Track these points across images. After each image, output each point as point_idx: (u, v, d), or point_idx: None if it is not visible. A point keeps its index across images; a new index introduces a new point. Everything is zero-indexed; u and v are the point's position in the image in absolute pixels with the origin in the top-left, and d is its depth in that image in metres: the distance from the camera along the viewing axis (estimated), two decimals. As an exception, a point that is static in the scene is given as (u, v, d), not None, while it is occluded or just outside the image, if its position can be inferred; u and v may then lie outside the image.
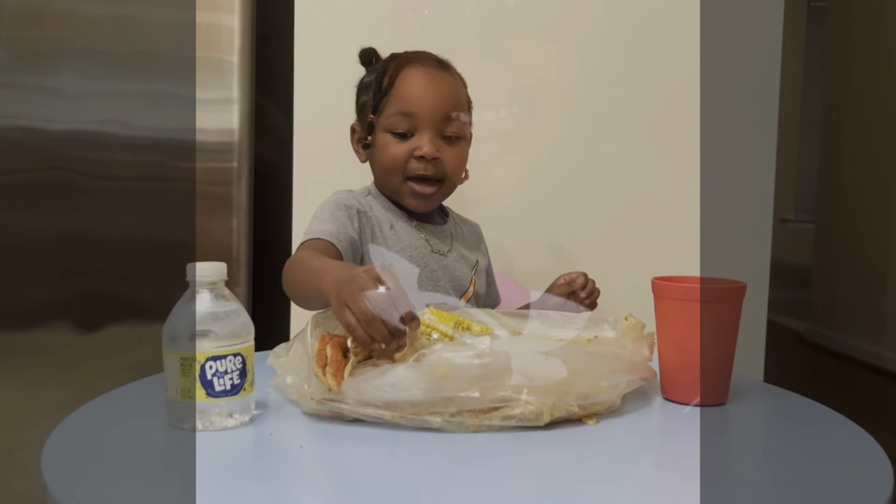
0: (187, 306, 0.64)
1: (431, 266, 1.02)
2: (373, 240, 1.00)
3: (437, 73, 1.02)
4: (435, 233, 1.06)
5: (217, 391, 0.63)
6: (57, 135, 1.34)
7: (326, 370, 0.67)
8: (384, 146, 1.01)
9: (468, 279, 1.07)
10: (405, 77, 1.01)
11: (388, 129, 1.01)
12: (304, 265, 0.85)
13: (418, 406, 0.65)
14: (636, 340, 0.78)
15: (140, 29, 1.33)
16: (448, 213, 1.13)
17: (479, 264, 1.11)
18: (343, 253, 0.94)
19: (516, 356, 0.67)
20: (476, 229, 1.18)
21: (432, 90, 1.00)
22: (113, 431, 0.66)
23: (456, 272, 1.05)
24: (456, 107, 1.02)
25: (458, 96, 1.03)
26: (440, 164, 1.00)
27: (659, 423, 0.74)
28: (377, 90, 1.02)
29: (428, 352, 0.68)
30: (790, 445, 0.68)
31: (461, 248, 1.08)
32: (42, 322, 1.35)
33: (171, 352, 0.64)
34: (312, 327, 0.74)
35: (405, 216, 1.04)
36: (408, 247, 1.01)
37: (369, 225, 1.00)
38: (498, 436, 0.65)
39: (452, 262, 1.05)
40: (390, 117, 1.00)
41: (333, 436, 0.65)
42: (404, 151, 1.00)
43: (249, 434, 0.65)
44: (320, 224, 0.96)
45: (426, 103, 0.99)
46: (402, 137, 1.00)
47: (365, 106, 1.05)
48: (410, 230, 1.03)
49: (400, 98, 1.00)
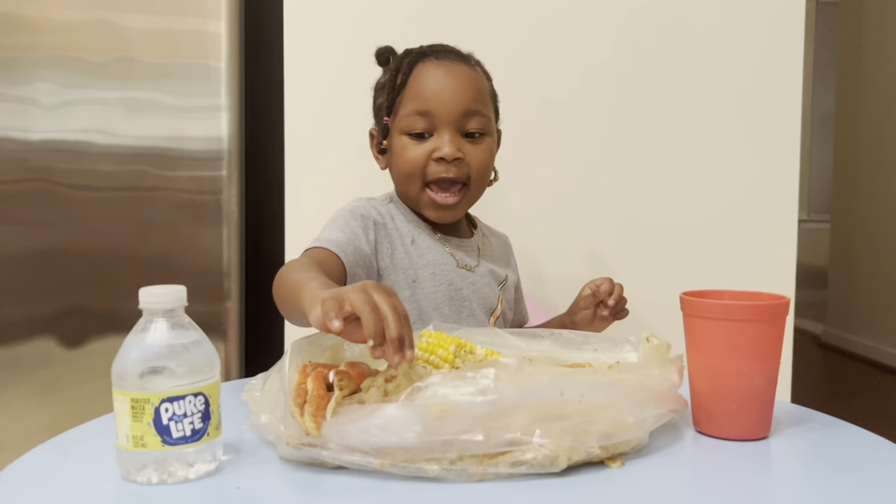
0: (139, 338, 0.55)
1: (457, 284, 0.92)
2: (393, 254, 0.90)
3: (454, 65, 0.92)
4: (461, 246, 0.96)
5: (175, 438, 0.54)
6: (35, 145, 1.28)
7: (305, 409, 0.57)
8: (401, 150, 0.91)
9: (497, 296, 0.97)
10: (419, 72, 0.91)
11: (404, 131, 0.91)
12: (289, 275, 0.75)
13: (412, 452, 0.55)
14: (663, 365, 0.68)
15: (122, 35, 1.27)
16: (476, 224, 1.03)
17: (507, 280, 1.01)
18: (347, 267, 0.84)
19: (526, 390, 0.57)
20: (505, 241, 1.08)
21: (449, 84, 0.90)
22: (58, 484, 0.56)
23: (484, 289, 0.95)
24: (477, 100, 0.91)
25: (480, 89, 0.93)
26: (463, 165, 0.90)
27: (692, 462, 0.64)
28: (391, 89, 0.92)
29: (423, 385, 0.58)
30: (845, 486, 0.57)
31: (489, 263, 0.98)
32: (22, 339, 1.29)
33: (120, 392, 0.54)
34: (293, 355, 0.64)
35: (428, 227, 0.95)
36: (430, 263, 0.91)
37: (388, 239, 0.91)
38: (506, 485, 0.56)
39: (480, 277, 0.95)
40: (405, 118, 0.91)
41: (313, 488, 0.56)
42: (422, 154, 0.90)
43: (213, 487, 0.55)
44: (330, 232, 0.86)
45: (442, 99, 0.89)
46: (419, 138, 0.91)
47: (381, 108, 0.95)
48: (433, 244, 0.93)
49: (414, 96, 0.90)
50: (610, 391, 0.60)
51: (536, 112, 1.38)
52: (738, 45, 1.40)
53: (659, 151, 1.41)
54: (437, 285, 0.91)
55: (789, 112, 1.42)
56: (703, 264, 1.42)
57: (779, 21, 1.40)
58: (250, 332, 1.37)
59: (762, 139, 1.42)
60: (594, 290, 0.96)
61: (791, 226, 1.44)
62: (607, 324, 0.98)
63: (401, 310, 0.59)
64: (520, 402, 0.56)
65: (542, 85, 1.38)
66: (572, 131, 1.39)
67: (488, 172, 0.95)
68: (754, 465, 0.62)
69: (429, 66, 0.92)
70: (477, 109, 0.91)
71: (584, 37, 1.38)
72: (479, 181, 0.93)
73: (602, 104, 1.39)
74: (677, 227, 1.41)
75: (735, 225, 1.42)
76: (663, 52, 1.40)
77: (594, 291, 0.96)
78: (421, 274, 0.91)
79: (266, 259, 1.40)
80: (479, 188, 0.94)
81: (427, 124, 0.90)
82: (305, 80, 1.35)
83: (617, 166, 1.40)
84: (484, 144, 0.93)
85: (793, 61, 1.41)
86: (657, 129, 1.40)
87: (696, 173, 1.41)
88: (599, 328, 0.98)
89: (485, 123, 0.92)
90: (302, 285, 0.67)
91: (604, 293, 0.95)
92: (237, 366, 1.32)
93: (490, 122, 0.94)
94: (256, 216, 1.41)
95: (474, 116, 0.91)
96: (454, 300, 0.92)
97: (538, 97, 1.38)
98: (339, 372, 0.61)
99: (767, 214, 1.43)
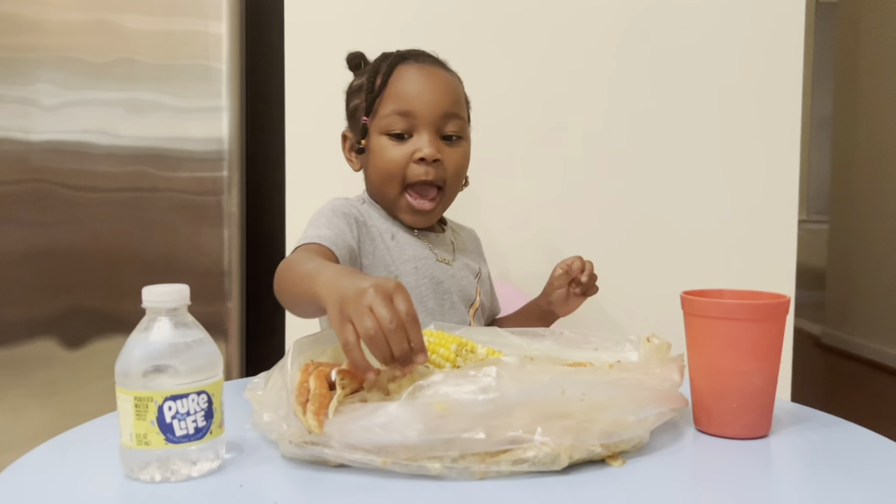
0: (142, 337, 0.55)
1: (438, 277, 0.94)
2: (374, 252, 0.92)
3: (434, 69, 0.95)
4: (437, 242, 0.98)
5: (178, 436, 0.54)
6: (36, 146, 1.28)
7: (307, 408, 0.57)
8: (380, 150, 0.93)
9: (475, 288, 1.00)
10: (400, 74, 0.93)
11: (383, 131, 0.93)
12: (296, 266, 0.75)
13: (414, 450, 0.55)
14: (663, 364, 0.69)
15: (123, 36, 1.27)
16: (446, 221, 1.05)
17: (481, 272, 1.04)
18: (342, 261, 0.85)
19: (527, 389, 0.57)
20: (474, 234, 1.11)
21: (429, 86, 0.92)
22: (60, 483, 0.57)
23: (462, 281, 0.97)
24: (456, 104, 0.94)
25: (457, 93, 0.96)
26: (441, 167, 0.92)
27: (693, 461, 0.64)
28: (370, 90, 0.94)
29: (424, 384, 0.58)
30: (845, 485, 0.58)
31: (463, 257, 1.01)
32: (22, 339, 1.28)
33: (123, 391, 0.54)
34: (295, 354, 0.64)
35: (404, 225, 0.96)
36: (412, 257, 0.93)
37: (369, 236, 0.92)
38: (508, 483, 0.56)
39: (458, 270, 0.98)
40: (385, 118, 0.92)
41: (315, 485, 0.56)
42: (403, 155, 0.91)
43: (216, 485, 0.55)
44: (317, 230, 0.87)
45: (423, 100, 0.91)
46: (398, 139, 0.92)
47: (357, 109, 0.97)
48: (412, 239, 0.95)
49: (395, 96, 0.92)
50: (611, 390, 0.61)
51: (536, 112, 1.39)
52: (738, 48, 1.40)
53: (659, 153, 1.41)
54: (419, 279, 0.93)
55: (789, 114, 1.42)
56: (702, 265, 1.42)
57: (779, 23, 1.40)
58: (251, 333, 1.37)
59: (762, 141, 1.42)
60: (566, 268, 0.98)
61: (791, 227, 1.44)
62: (579, 302, 1.00)
63: (406, 314, 0.59)
64: (521, 401, 0.56)
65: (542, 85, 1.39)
66: (571, 132, 1.40)
67: (463, 176, 0.97)
68: (754, 464, 0.62)
69: (409, 68, 0.94)
70: (455, 112, 0.93)
71: (583, 38, 1.39)
72: (454, 185, 0.95)
73: (601, 105, 1.40)
74: (677, 228, 1.42)
75: (735, 226, 1.42)
76: (663, 54, 1.40)
77: (566, 270, 0.98)
78: (403, 269, 0.92)
79: (267, 259, 1.40)
80: (454, 192, 0.97)
81: (407, 125, 0.92)
82: (306, 81, 1.36)
83: (616, 167, 1.40)
84: (461, 148, 0.95)
85: (793, 64, 1.41)
86: (657, 130, 1.41)
87: (695, 174, 1.42)
88: (572, 307, 1.00)
89: (462, 127, 0.95)
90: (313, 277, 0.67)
91: (576, 270, 0.97)
92: (238, 366, 1.32)
93: (466, 126, 0.96)
94: (257, 217, 1.41)
95: (452, 119, 0.93)
96: (437, 293, 0.94)
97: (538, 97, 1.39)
98: (341, 371, 0.61)
99: (767, 215, 1.43)
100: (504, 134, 1.37)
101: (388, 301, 0.59)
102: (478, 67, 1.10)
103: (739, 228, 1.42)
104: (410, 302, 0.60)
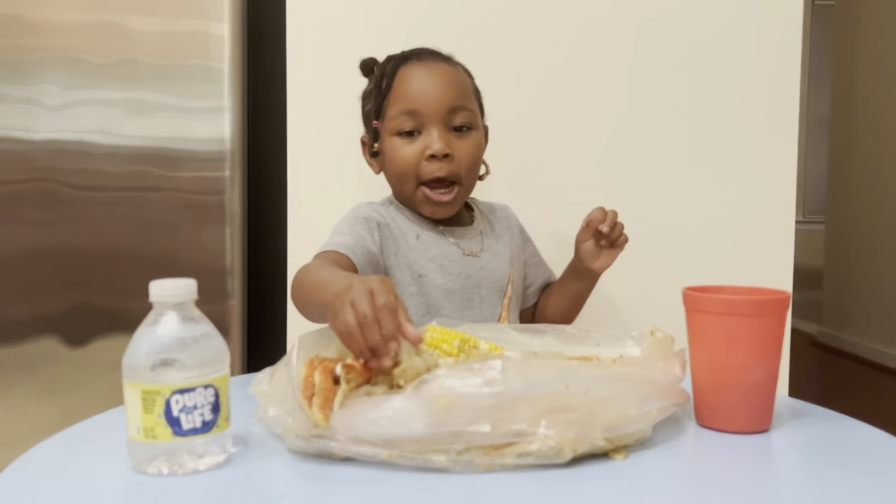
0: (150, 331, 0.56)
1: (466, 272, 0.95)
2: (397, 253, 0.93)
3: (436, 64, 0.96)
4: (464, 235, 0.99)
5: (185, 429, 0.55)
6: (40, 145, 1.29)
7: (313, 401, 0.58)
8: (392, 150, 0.95)
9: (506, 277, 1.00)
10: (403, 75, 0.95)
11: (393, 132, 0.95)
12: (312, 274, 0.79)
13: (419, 443, 0.56)
14: (666, 359, 0.69)
15: (125, 37, 1.28)
16: (474, 208, 1.05)
17: (514, 253, 1.04)
18: (359, 267, 0.88)
19: (532, 382, 0.58)
20: (507, 212, 1.11)
21: (432, 82, 0.94)
22: (68, 476, 0.57)
23: (494, 272, 0.98)
24: (461, 96, 0.95)
25: (462, 85, 0.97)
26: (453, 162, 0.93)
27: (694, 455, 0.65)
28: (377, 94, 0.96)
29: (429, 378, 0.59)
30: (847, 479, 0.58)
31: (495, 244, 1.01)
32: (26, 337, 1.29)
33: (130, 384, 0.55)
34: (299, 350, 0.65)
35: (430, 222, 0.98)
36: (437, 256, 0.94)
37: (392, 238, 0.94)
38: (512, 476, 0.56)
39: (488, 262, 0.98)
40: (394, 119, 0.94)
41: (321, 478, 0.56)
42: (414, 153, 0.93)
43: (223, 478, 0.56)
44: (338, 237, 0.90)
45: (427, 97, 0.93)
46: (409, 137, 0.94)
47: (369, 114, 0.99)
48: (438, 237, 0.96)
49: (400, 97, 0.94)
50: (614, 384, 0.61)
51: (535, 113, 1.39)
52: (736, 48, 1.41)
53: (657, 152, 1.41)
54: (445, 276, 0.94)
55: (787, 114, 1.42)
56: (700, 264, 1.42)
57: (777, 24, 1.41)
58: (252, 331, 1.38)
59: (759, 141, 1.43)
60: (588, 222, 0.98)
61: (788, 227, 1.44)
62: (613, 255, 0.99)
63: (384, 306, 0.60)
64: (526, 394, 0.57)
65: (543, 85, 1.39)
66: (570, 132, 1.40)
67: (478, 166, 0.98)
68: (755, 458, 0.63)
69: (412, 67, 0.95)
70: (462, 104, 0.94)
71: (582, 38, 1.39)
72: (470, 176, 0.96)
73: (600, 105, 1.40)
74: (675, 228, 1.42)
75: (732, 226, 1.43)
76: (661, 54, 1.40)
77: (587, 223, 0.98)
78: (428, 267, 0.93)
79: (268, 258, 1.41)
80: (471, 183, 0.98)
81: (415, 123, 0.93)
82: (308, 81, 1.36)
83: (614, 167, 1.41)
84: (472, 138, 0.96)
85: (790, 64, 1.41)
86: (656, 131, 1.41)
87: (693, 174, 1.42)
88: (606, 261, 1.00)
89: (471, 118, 0.95)
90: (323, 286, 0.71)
91: (596, 221, 0.97)
92: (239, 363, 1.33)
93: (476, 116, 0.97)
94: (259, 216, 1.42)
95: (460, 111, 0.94)
96: (465, 288, 0.95)
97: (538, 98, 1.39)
98: (346, 365, 0.62)
99: (765, 215, 1.43)
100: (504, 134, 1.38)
101: (368, 296, 0.60)
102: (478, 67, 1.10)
103: (736, 228, 1.43)
104: (391, 294, 0.61)
